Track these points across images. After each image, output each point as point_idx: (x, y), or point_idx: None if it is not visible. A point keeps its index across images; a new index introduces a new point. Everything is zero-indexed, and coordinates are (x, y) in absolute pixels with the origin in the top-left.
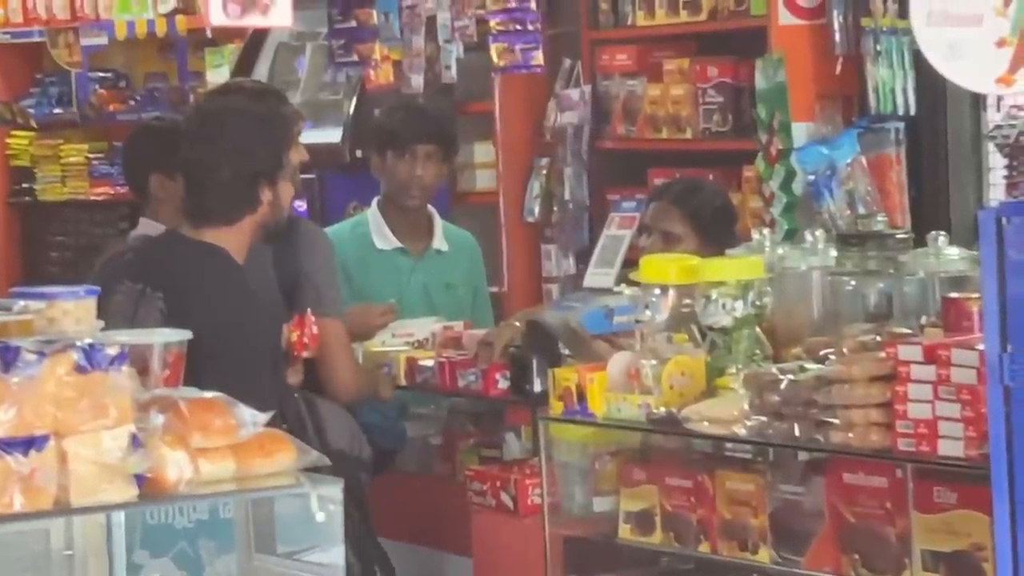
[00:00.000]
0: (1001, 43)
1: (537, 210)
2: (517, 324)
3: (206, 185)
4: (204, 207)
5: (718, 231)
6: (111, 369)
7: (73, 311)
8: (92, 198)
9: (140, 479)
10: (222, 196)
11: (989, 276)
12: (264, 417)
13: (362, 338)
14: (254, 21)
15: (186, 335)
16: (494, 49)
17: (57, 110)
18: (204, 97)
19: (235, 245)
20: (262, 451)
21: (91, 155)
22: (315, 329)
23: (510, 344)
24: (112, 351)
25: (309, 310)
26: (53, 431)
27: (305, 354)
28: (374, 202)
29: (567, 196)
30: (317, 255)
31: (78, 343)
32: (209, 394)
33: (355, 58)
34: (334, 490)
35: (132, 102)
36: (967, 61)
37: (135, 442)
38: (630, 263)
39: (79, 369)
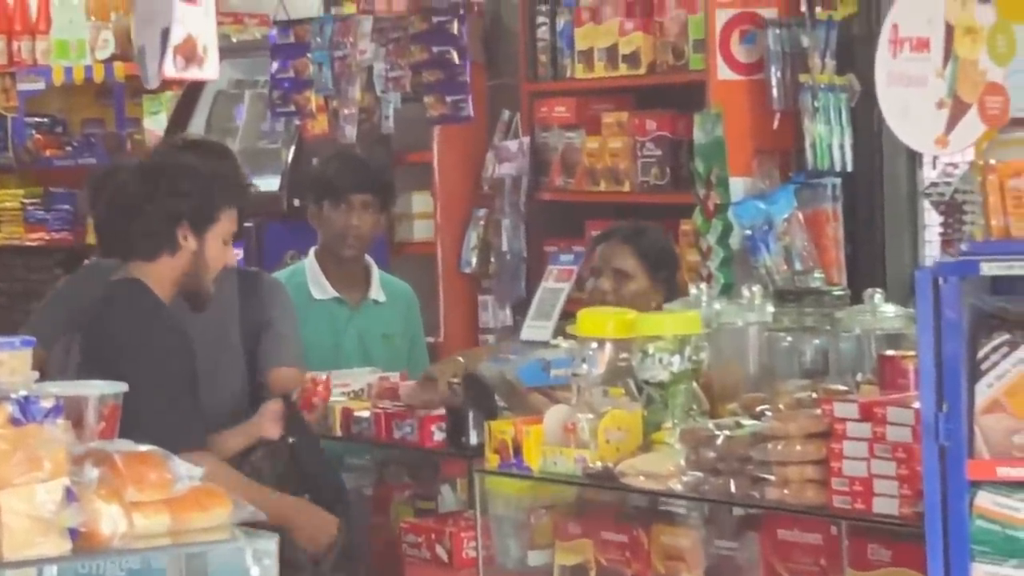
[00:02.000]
0: (940, 104)
1: (474, 261)
2: (460, 359)
3: (132, 218)
4: (126, 238)
5: (665, 271)
6: (46, 422)
7: (8, 361)
8: (27, 243)
9: (74, 532)
10: (142, 229)
11: (925, 335)
12: (199, 471)
13: None
14: (192, 74)
15: (122, 387)
16: (427, 100)
17: None
18: (166, 144)
19: (156, 284)
20: (197, 505)
21: (26, 200)
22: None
23: (454, 378)
24: (47, 404)
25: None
26: None
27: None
28: (311, 252)
29: (504, 247)
30: (280, 307)
31: (13, 395)
32: (144, 448)
33: (292, 108)
34: (269, 544)
35: (69, 148)
36: (913, 121)
37: (69, 496)
38: (567, 316)
39: (14, 422)
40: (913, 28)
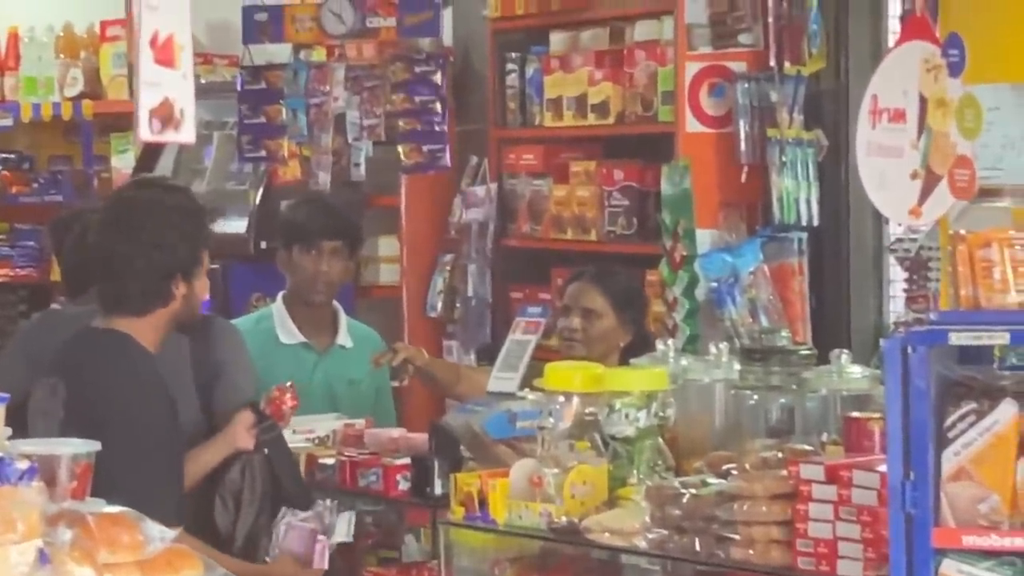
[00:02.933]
0: (914, 175)
1: (440, 305)
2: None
3: (121, 275)
4: (117, 296)
5: (632, 311)
6: (20, 484)
7: None
8: None
9: None
10: (136, 288)
11: (893, 404)
12: (172, 533)
13: None
14: (169, 136)
15: (95, 446)
16: (402, 149)
17: None
18: (123, 188)
19: (146, 336)
20: (169, 567)
21: None
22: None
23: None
24: (22, 465)
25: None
26: None
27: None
28: (279, 296)
29: (470, 292)
30: (232, 349)
31: None
32: (116, 509)
33: (263, 153)
34: None
35: (35, 184)
36: (890, 191)
37: (42, 558)
38: (535, 366)
39: None
40: (891, 99)
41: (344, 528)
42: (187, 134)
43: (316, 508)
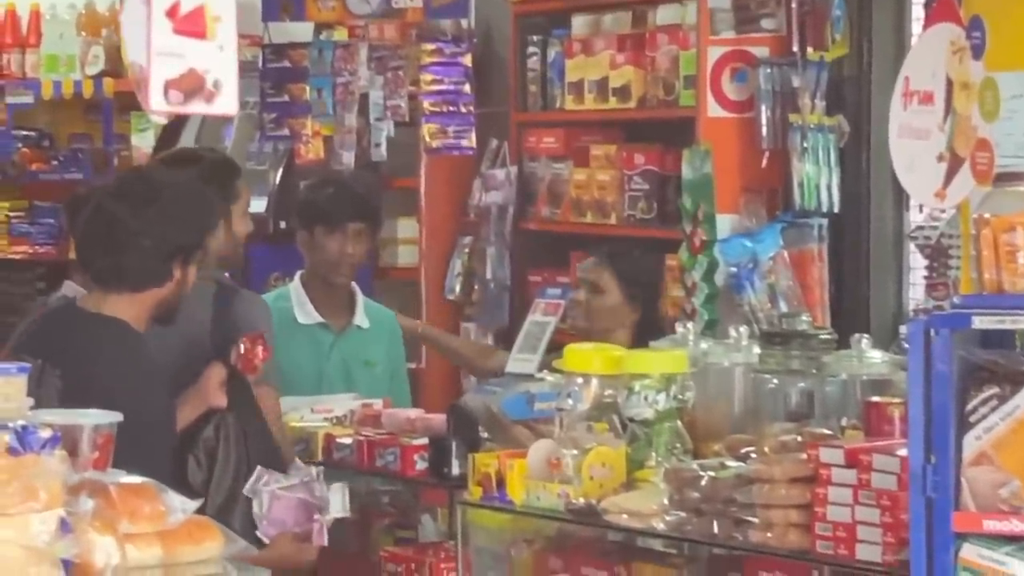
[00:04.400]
0: (940, 158)
1: (458, 288)
2: None
3: (125, 249)
4: (117, 271)
5: (640, 291)
6: (43, 452)
7: (2, 388)
8: (10, 256)
9: (67, 563)
10: (137, 263)
11: (916, 387)
12: (193, 504)
13: None
14: (197, 109)
15: (116, 417)
16: (426, 129)
17: None
18: (155, 161)
19: (135, 315)
20: (190, 538)
21: (11, 213)
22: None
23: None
24: (45, 434)
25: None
26: None
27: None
28: (297, 276)
29: (489, 275)
30: (256, 323)
31: (11, 425)
32: (139, 479)
33: (286, 132)
34: None
35: (55, 162)
36: (918, 174)
37: (64, 527)
38: (554, 349)
39: (11, 451)
40: (921, 81)
41: (339, 502)
42: (224, 106)
43: (298, 474)
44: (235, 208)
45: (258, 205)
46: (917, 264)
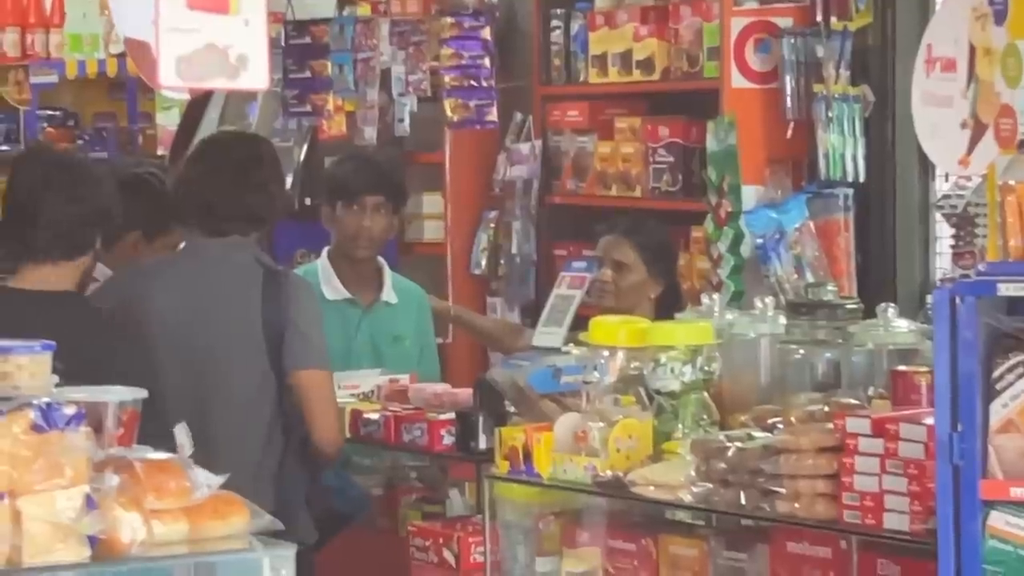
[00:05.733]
0: (964, 125)
1: (484, 263)
2: None
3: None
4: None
5: (662, 264)
6: (68, 429)
7: (28, 366)
8: None
9: (93, 540)
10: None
11: (942, 355)
12: (219, 480)
13: None
14: (219, 84)
15: (141, 393)
16: (448, 104)
17: (4, 147)
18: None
19: (76, 287)
20: (216, 513)
21: None
22: None
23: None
24: (69, 411)
25: None
26: (7, 490)
27: None
28: (324, 252)
29: (514, 250)
30: (304, 306)
31: (35, 402)
32: (164, 455)
33: (308, 108)
34: (287, 553)
35: (80, 141)
36: (941, 141)
37: (89, 503)
38: (579, 322)
39: (36, 428)
40: (944, 48)
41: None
42: (252, 81)
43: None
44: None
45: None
46: (943, 233)
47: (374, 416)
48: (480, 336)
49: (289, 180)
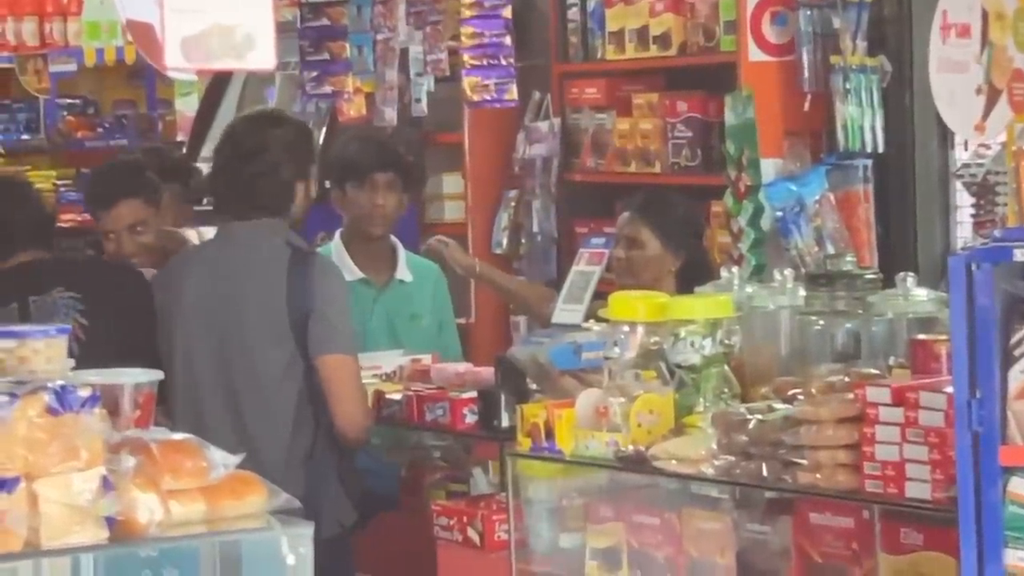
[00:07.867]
0: (978, 90)
1: (505, 242)
2: None
3: None
4: None
5: (682, 239)
6: (83, 411)
7: (44, 350)
8: (59, 225)
9: (111, 521)
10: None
11: (959, 322)
12: (235, 459)
13: None
14: (225, 64)
15: (157, 375)
16: (467, 83)
17: (25, 136)
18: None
19: None
20: (233, 493)
21: (58, 181)
22: None
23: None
24: (84, 393)
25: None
26: (24, 473)
27: None
28: (337, 234)
29: (535, 228)
30: (328, 291)
31: (50, 385)
32: (180, 436)
33: (327, 90)
34: (305, 532)
35: (100, 129)
36: (957, 107)
37: (106, 484)
38: (599, 298)
39: (51, 411)
40: (958, 14)
41: None
42: (259, 61)
43: None
44: (312, 170)
45: None
46: (964, 202)
47: (397, 396)
48: (508, 296)
49: None
